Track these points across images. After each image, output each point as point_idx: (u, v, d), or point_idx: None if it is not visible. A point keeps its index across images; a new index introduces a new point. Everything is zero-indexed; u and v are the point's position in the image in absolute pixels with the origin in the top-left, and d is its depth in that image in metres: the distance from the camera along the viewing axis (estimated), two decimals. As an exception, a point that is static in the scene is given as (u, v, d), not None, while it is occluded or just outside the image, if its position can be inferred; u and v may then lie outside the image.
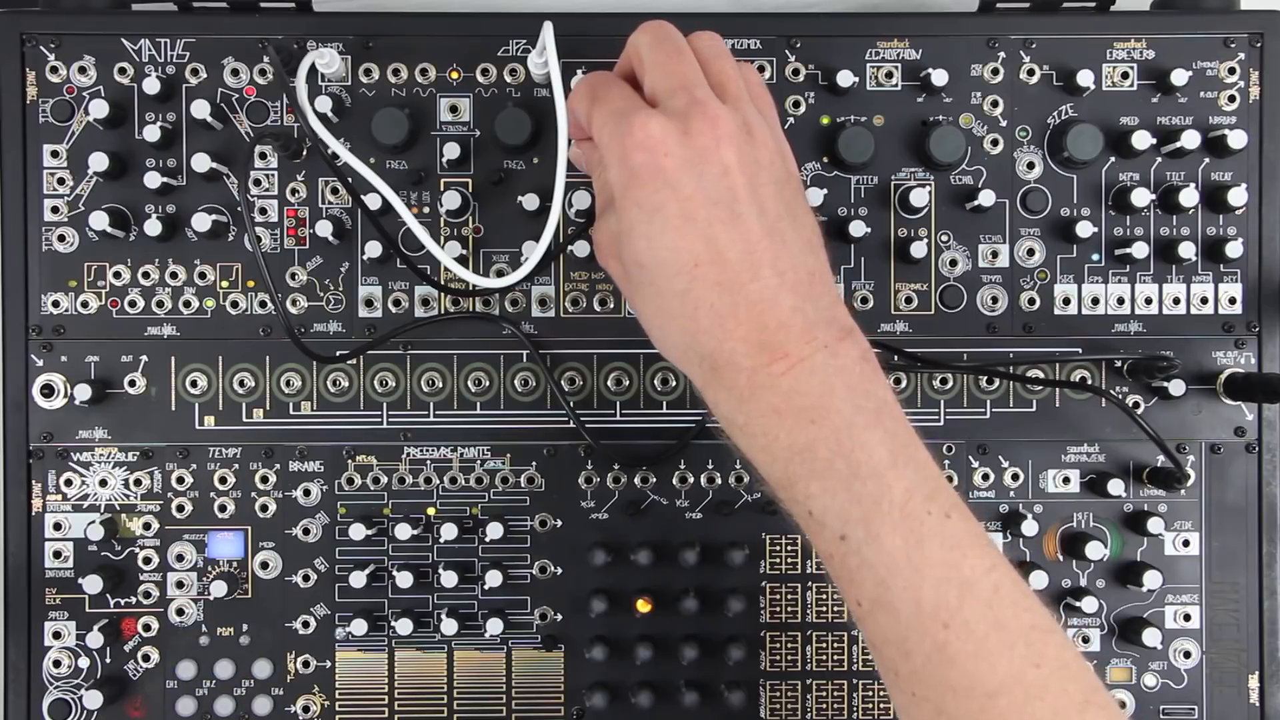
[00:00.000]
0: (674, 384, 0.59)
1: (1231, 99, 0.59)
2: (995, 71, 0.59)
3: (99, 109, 0.56)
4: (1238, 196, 0.58)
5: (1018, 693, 0.39)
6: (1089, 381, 0.59)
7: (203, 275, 0.58)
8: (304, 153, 0.58)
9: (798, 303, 0.43)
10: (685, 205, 0.42)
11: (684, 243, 0.42)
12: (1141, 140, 0.57)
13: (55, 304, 0.58)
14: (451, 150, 0.58)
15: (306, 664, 0.59)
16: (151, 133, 0.57)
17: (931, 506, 0.41)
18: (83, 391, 0.57)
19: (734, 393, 0.43)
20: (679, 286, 0.43)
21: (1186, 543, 0.59)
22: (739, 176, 0.43)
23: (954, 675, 0.40)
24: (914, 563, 0.40)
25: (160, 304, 0.58)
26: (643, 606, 0.59)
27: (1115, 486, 0.58)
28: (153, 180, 0.57)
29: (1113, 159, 0.59)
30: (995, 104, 0.59)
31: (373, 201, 0.57)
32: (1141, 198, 0.58)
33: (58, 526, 0.58)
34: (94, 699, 0.57)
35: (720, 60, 0.47)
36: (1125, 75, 0.59)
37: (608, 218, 0.47)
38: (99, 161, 0.56)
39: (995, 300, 0.59)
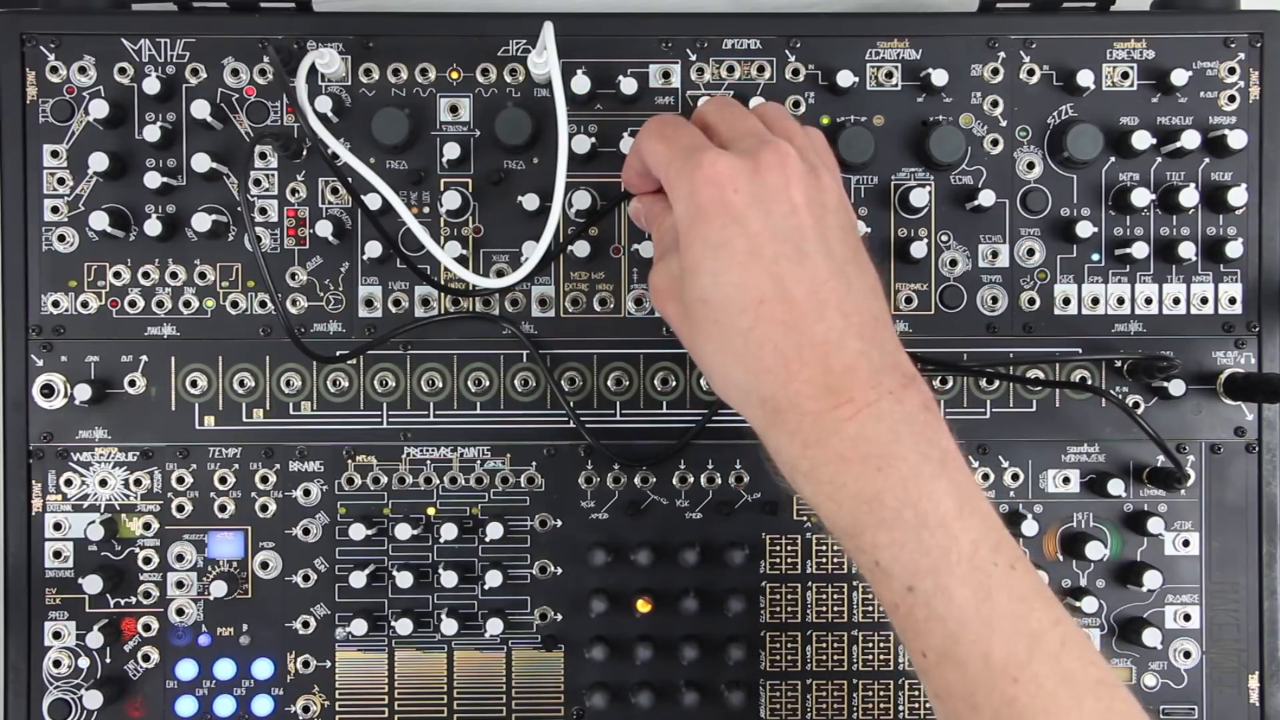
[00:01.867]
0: (674, 384, 0.59)
1: (1231, 99, 0.59)
2: (995, 71, 0.59)
3: (99, 109, 0.56)
4: (1238, 196, 0.58)
5: None
6: (1089, 381, 0.59)
7: (203, 275, 0.58)
8: (304, 153, 0.58)
9: (864, 347, 0.42)
10: (753, 242, 0.42)
11: (750, 279, 0.42)
12: (1141, 140, 0.57)
13: (55, 304, 0.58)
14: (451, 150, 0.58)
15: (306, 664, 0.59)
16: (151, 133, 0.57)
17: (998, 558, 0.41)
18: (83, 391, 0.57)
19: (798, 437, 0.42)
20: (744, 324, 0.42)
21: (1186, 543, 0.59)
22: (806, 216, 0.43)
23: None
24: (983, 615, 0.40)
25: (160, 304, 0.58)
26: (643, 606, 0.59)
27: (1115, 486, 0.58)
28: (153, 180, 0.57)
29: (1113, 159, 0.59)
30: (995, 104, 0.59)
31: (373, 201, 0.57)
32: (1141, 198, 0.58)
33: (58, 526, 0.58)
34: (94, 699, 0.57)
35: (785, 121, 0.47)
36: (1125, 75, 0.59)
37: (669, 261, 0.47)
38: (99, 161, 0.56)
39: (995, 300, 0.59)
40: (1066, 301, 0.59)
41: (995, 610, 0.40)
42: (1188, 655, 0.59)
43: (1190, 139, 0.57)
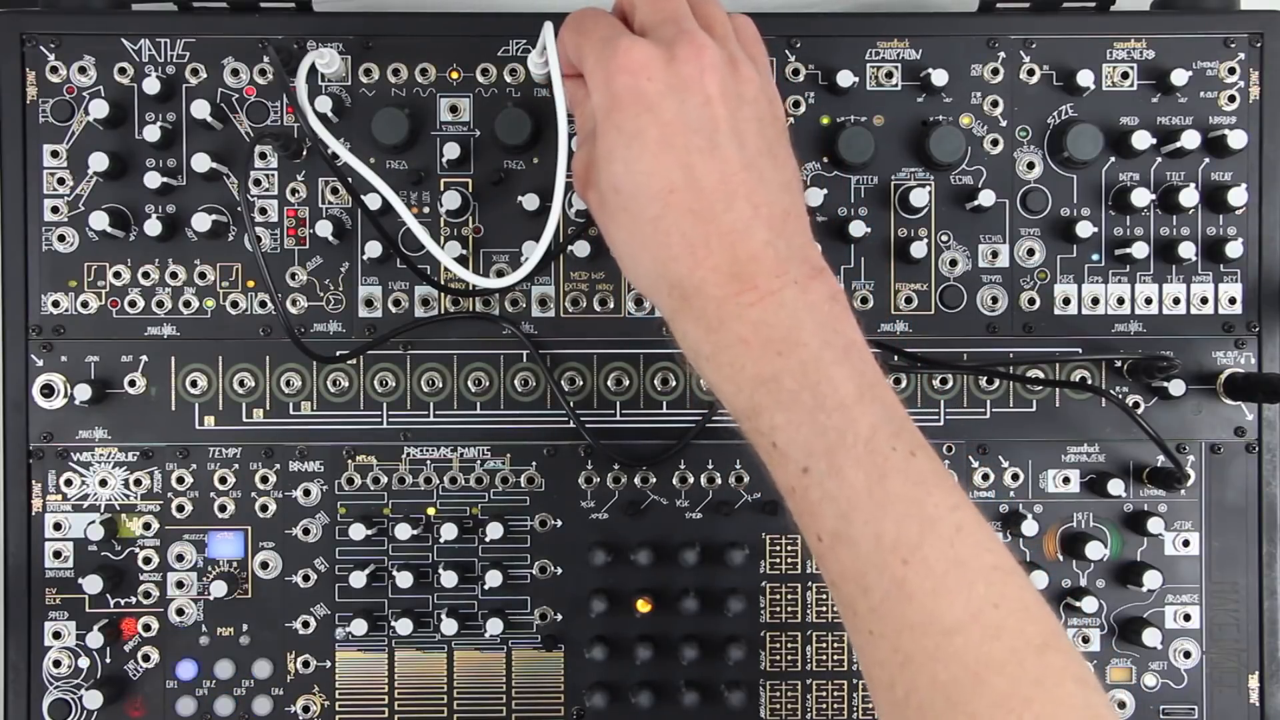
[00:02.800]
0: (674, 384, 0.59)
1: (1231, 99, 0.59)
2: (995, 71, 0.59)
3: (99, 109, 0.56)
4: (1238, 196, 0.58)
5: (975, 631, 0.39)
6: (1089, 381, 0.59)
7: (203, 275, 0.58)
8: (304, 153, 0.58)
9: (770, 237, 0.43)
10: (665, 131, 0.42)
11: (660, 168, 0.42)
12: (1141, 140, 0.57)
13: (55, 304, 0.58)
14: (451, 150, 0.58)
15: (306, 664, 0.59)
16: (151, 133, 0.57)
17: (897, 444, 0.41)
18: (83, 391, 0.57)
19: (702, 322, 0.43)
20: (653, 212, 0.43)
21: (1186, 543, 0.59)
22: (720, 107, 0.43)
23: (911, 612, 0.39)
24: (876, 498, 0.40)
25: (160, 304, 0.58)
26: (643, 606, 0.59)
27: (1115, 486, 0.58)
28: (153, 180, 0.57)
29: (1113, 159, 0.59)
30: (995, 104, 0.59)
31: (373, 201, 0.57)
32: (1141, 198, 0.58)
33: (58, 526, 0.58)
34: (94, 699, 0.57)
35: (708, 4, 0.47)
36: (1125, 75, 0.59)
37: (586, 148, 0.47)
38: (99, 161, 0.56)
39: (995, 300, 0.59)
40: (1066, 301, 0.59)
41: (888, 493, 0.40)
42: (1188, 655, 0.59)
43: (1190, 139, 0.57)
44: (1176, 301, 0.59)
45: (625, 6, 0.48)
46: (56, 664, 0.58)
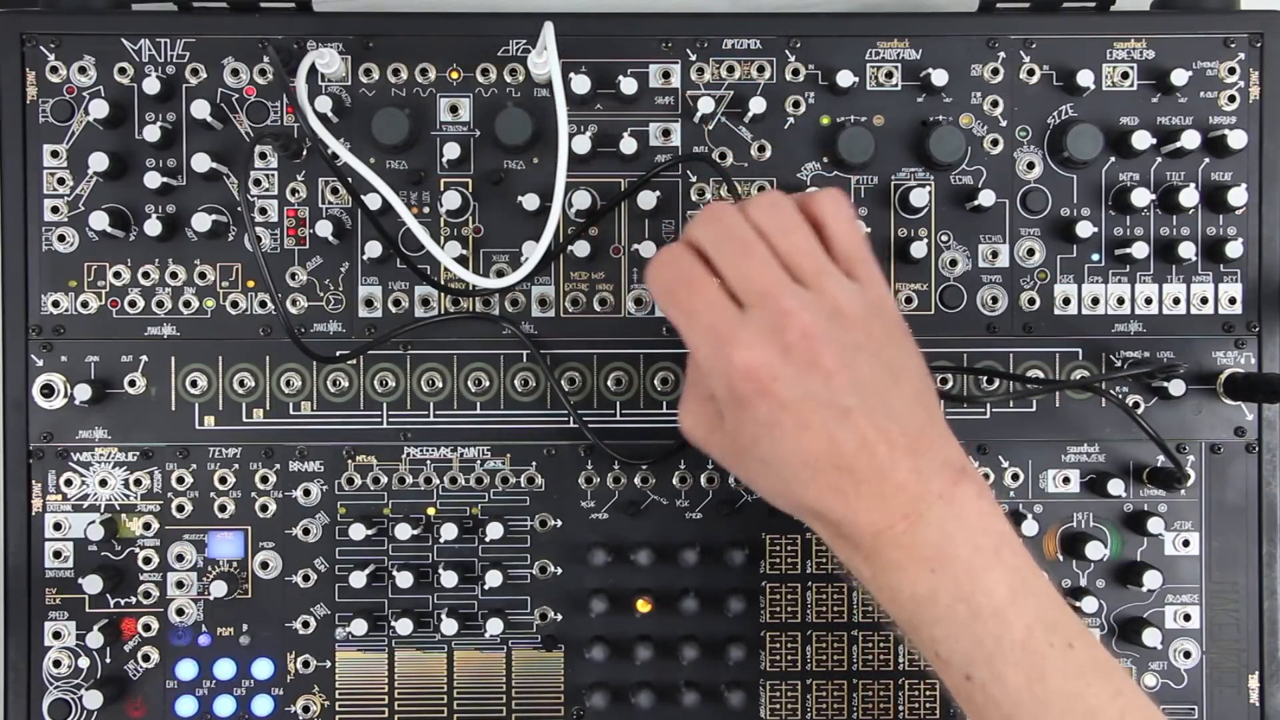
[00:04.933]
0: (674, 384, 0.59)
1: (1231, 99, 0.59)
2: (995, 71, 0.59)
3: (99, 109, 0.56)
4: (1238, 196, 0.58)
5: None
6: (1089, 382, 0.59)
7: (203, 275, 0.58)
8: (304, 153, 0.58)
9: (914, 463, 0.44)
10: (799, 417, 0.43)
11: (804, 445, 0.43)
12: (1141, 140, 0.57)
13: (55, 304, 0.58)
14: (451, 150, 0.58)
15: (306, 664, 0.59)
16: (151, 133, 0.57)
17: (1053, 639, 0.43)
18: (83, 391, 0.57)
19: (858, 552, 0.45)
20: (805, 477, 0.44)
21: (1186, 543, 0.59)
22: (840, 377, 0.43)
23: None
24: (1038, 697, 0.42)
25: (160, 304, 0.58)
26: (643, 606, 0.59)
27: (1115, 486, 0.58)
28: (153, 180, 0.57)
29: (1113, 159, 0.59)
30: (995, 104, 0.59)
31: (373, 201, 0.57)
32: (1141, 198, 0.58)
33: (58, 526, 0.58)
34: (94, 699, 0.57)
35: (787, 237, 0.45)
36: (1125, 75, 0.59)
37: (704, 404, 0.48)
38: (99, 161, 0.56)
39: (995, 300, 0.59)
40: (1066, 301, 0.59)
41: (1049, 690, 0.42)
42: (1188, 655, 0.59)
43: (1190, 139, 0.57)
44: (1176, 301, 0.59)
45: (706, 254, 0.46)
46: (56, 664, 0.58)
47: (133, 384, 0.58)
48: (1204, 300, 0.59)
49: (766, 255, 0.44)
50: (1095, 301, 0.59)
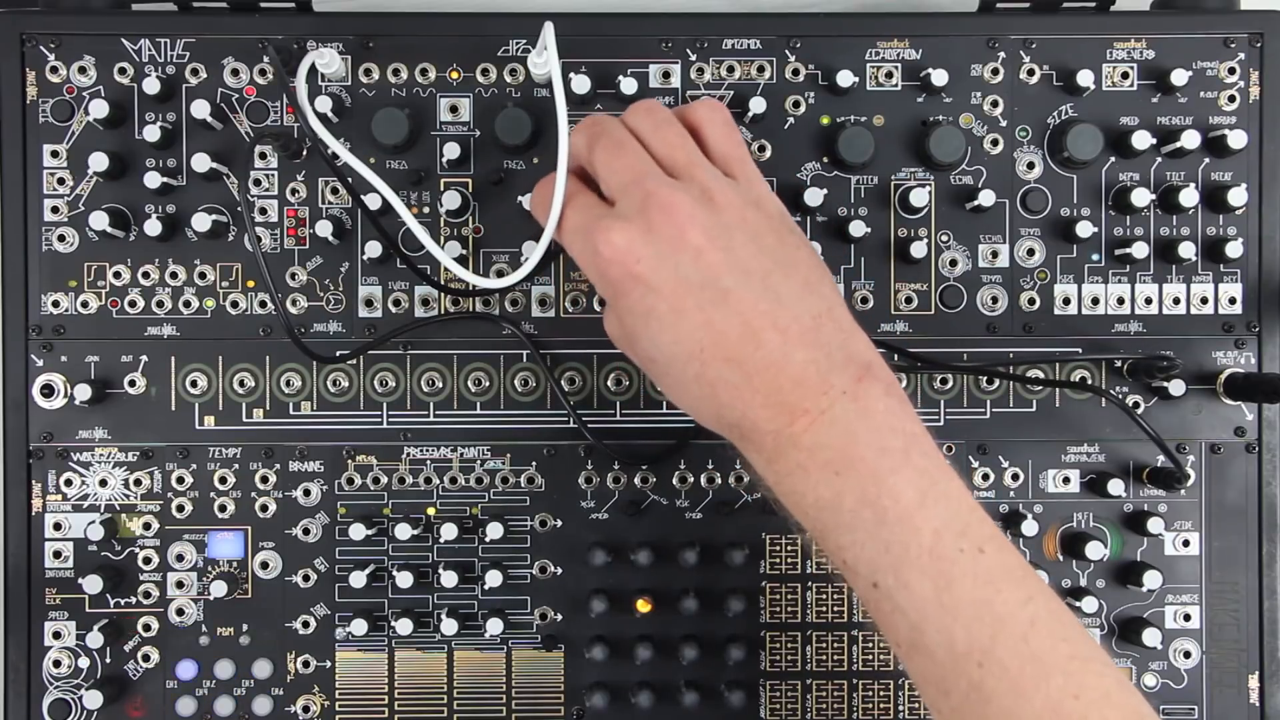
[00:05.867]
0: (674, 384, 0.59)
1: (1231, 99, 0.59)
2: (995, 71, 0.59)
3: (99, 109, 0.56)
4: (1238, 196, 0.58)
5: None
6: (1089, 381, 0.59)
7: (203, 275, 0.58)
8: (304, 153, 0.58)
9: (808, 354, 0.42)
10: (672, 301, 0.43)
11: (683, 334, 0.43)
12: (1141, 140, 0.57)
13: (55, 304, 0.58)
14: (451, 150, 0.58)
15: (306, 664, 0.59)
16: (151, 133, 0.57)
17: (963, 543, 0.41)
18: (83, 391, 0.57)
19: (762, 454, 0.44)
20: (693, 371, 0.43)
21: (1186, 543, 0.59)
22: (713, 254, 0.43)
23: (991, 713, 0.40)
24: (945, 605, 0.41)
25: (160, 304, 0.58)
26: (643, 606, 0.59)
27: (1115, 486, 0.58)
28: (153, 180, 0.57)
29: (1113, 159, 0.59)
30: (995, 104, 0.59)
31: (373, 201, 0.57)
32: (1141, 198, 0.58)
33: (58, 526, 0.58)
34: (94, 699, 0.57)
35: (658, 132, 0.46)
36: (1125, 75, 0.59)
37: (609, 312, 0.48)
38: (99, 161, 0.56)
39: (995, 300, 0.59)
40: (1066, 301, 0.59)
41: (957, 598, 0.41)
42: (1188, 655, 0.59)
43: (1190, 139, 0.57)
44: (1176, 301, 0.59)
45: (581, 162, 0.48)
46: (56, 664, 0.58)
47: (133, 384, 0.58)
48: (1204, 300, 0.59)
49: (638, 150, 0.45)
50: (1095, 301, 0.59)
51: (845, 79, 0.57)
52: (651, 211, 0.43)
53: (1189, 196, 0.58)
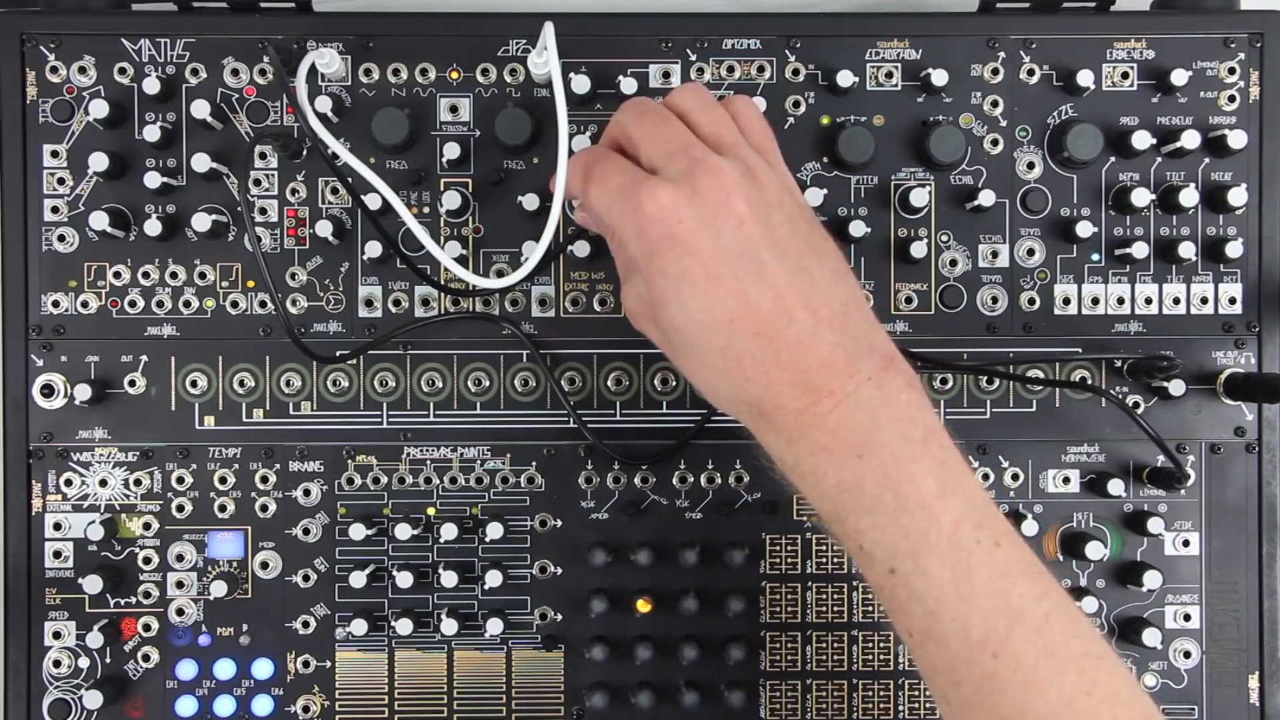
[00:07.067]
0: (674, 384, 0.59)
1: (1231, 99, 0.59)
2: (995, 71, 0.59)
3: (99, 109, 0.56)
4: (1238, 196, 0.58)
5: None
6: (1089, 381, 0.59)
7: (203, 275, 0.58)
8: (304, 153, 0.58)
9: (837, 338, 0.43)
10: (709, 266, 0.42)
11: (715, 302, 0.43)
12: (1141, 140, 0.57)
13: (55, 304, 0.58)
14: (451, 150, 0.58)
15: (306, 664, 0.59)
16: (151, 133, 0.57)
17: (980, 535, 0.42)
18: (83, 391, 0.57)
19: (783, 435, 0.44)
20: (719, 344, 0.43)
21: (1186, 543, 0.59)
22: (754, 225, 0.43)
23: (1004, 705, 0.40)
24: (962, 594, 0.41)
25: (160, 304, 0.58)
26: (643, 606, 0.59)
27: (1115, 486, 0.58)
28: (153, 180, 0.57)
29: (1113, 159, 0.59)
30: (995, 104, 0.59)
31: (373, 201, 0.57)
32: (1141, 198, 0.58)
33: (58, 526, 0.58)
34: (94, 699, 0.57)
35: (706, 111, 0.47)
36: (1125, 75, 0.59)
37: (634, 283, 0.48)
38: (99, 161, 0.56)
39: (995, 300, 0.59)
40: (1066, 301, 0.59)
41: (974, 588, 0.41)
42: (1188, 655, 0.59)
43: (1190, 139, 0.57)
44: (1176, 301, 0.59)
45: (620, 139, 0.48)
46: (56, 664, 0.58)
47: (133, 384, 0.58)
48: (1204, 300, 0.59)
49: (682, 125, 0.46)
50: (1095, 301, 0.59)
51: (845, 79, 0.58)
52: (699, 175, 0.43)
53: (1189, 196, 0.58)
